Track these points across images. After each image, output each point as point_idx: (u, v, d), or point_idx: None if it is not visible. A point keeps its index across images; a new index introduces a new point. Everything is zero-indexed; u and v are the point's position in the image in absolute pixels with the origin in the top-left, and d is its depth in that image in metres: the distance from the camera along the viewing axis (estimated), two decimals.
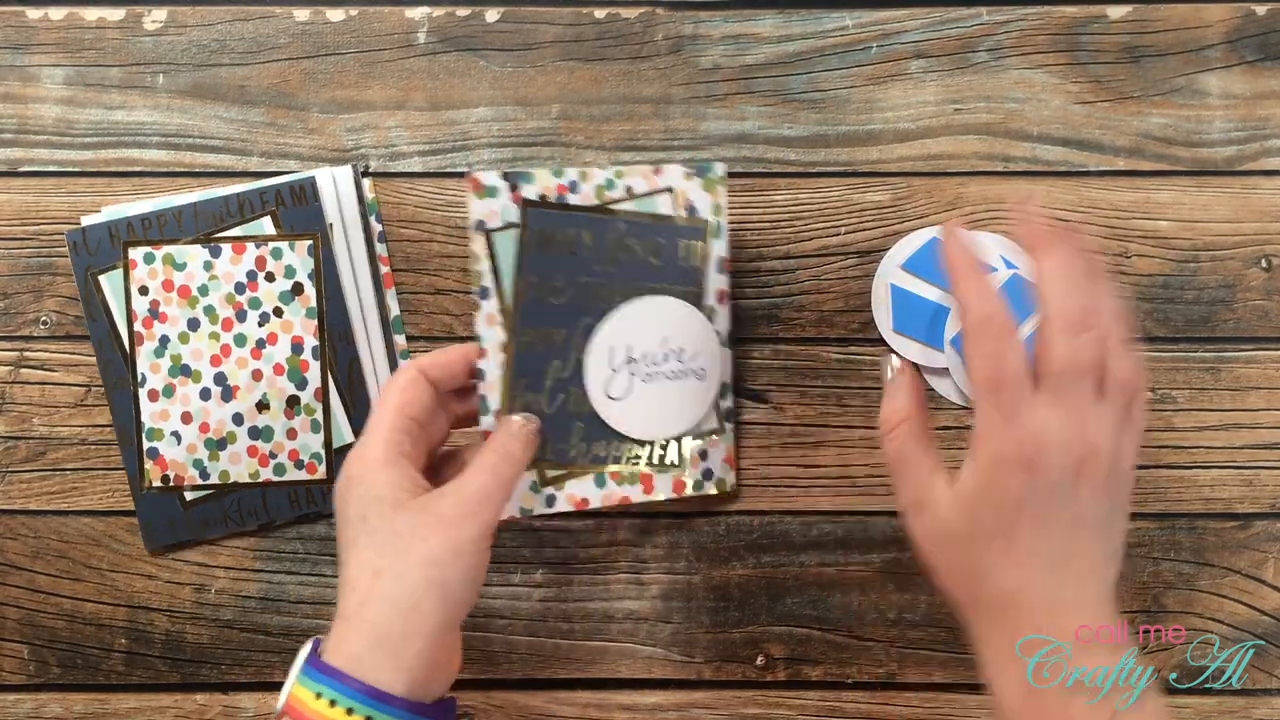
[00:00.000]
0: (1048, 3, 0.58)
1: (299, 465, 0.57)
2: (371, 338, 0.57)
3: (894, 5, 0.58)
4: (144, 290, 0.56)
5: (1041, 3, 0.58)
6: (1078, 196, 0.57)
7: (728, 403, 0.56)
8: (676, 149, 0.57)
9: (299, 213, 0.57)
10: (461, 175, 0.58)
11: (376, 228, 0.57)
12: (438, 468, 0.51)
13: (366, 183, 0.57)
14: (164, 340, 0.56)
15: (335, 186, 0.57)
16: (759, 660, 0.57)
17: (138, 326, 0.56)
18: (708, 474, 0.55)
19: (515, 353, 0.51)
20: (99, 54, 0.58)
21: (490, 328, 0.50)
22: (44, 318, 0.57)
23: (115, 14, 0.58)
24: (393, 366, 0.57)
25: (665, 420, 0.54)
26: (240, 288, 0.56)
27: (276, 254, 0.56)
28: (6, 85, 0.58)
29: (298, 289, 0.57)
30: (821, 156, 0.58)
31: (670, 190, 0.53)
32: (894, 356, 0.51)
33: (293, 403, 0.57)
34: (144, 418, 0.56)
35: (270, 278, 0.56)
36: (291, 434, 0.57)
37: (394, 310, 0.57)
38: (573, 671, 0.57)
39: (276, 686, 0.57)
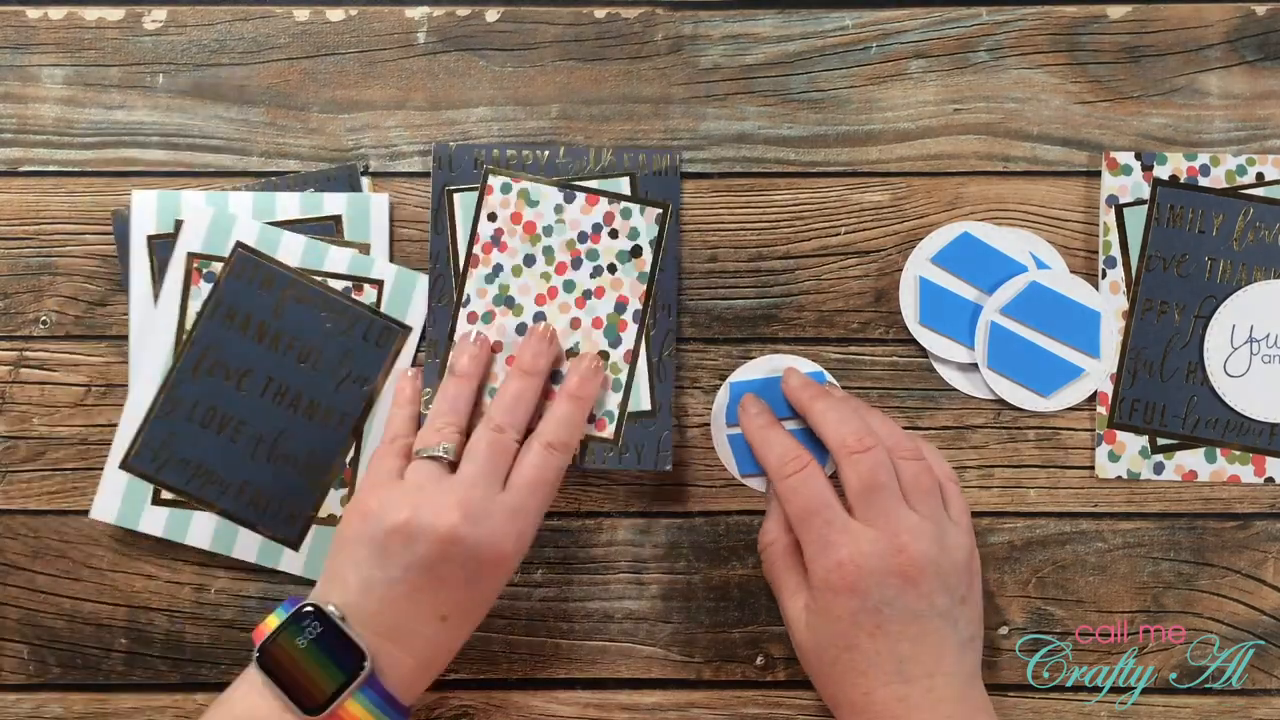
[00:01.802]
0: (1048, 3, 0.58)
1: (589, 420, 0.56)
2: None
3: (894, 5, 0.58)
4: (493, 217, 0.57)
5: (1041, 3, 0.58)
6: (1077, 196, 0.57)
7: None
8: (676, 149, 0.57)
9: (657, 182, 0.57)
10: None
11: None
12: None
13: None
14: (497, 269, 0.57)
15: None
16: (759, 660, 0.57)
17: (476, 249, 0.57)
18: None
19: (1133, 319, 0.55)
20: (99, 54, 0.58)
21: (1114, 296, 0.55)
22: (44, 318, 0.57)
23: (115, 14, 0.58)
24: None
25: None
26: (583, 236, 0.57)
27: (626, 214, 0.57)
28: (6, 85, 0.58)
29: (636, 251, 0.57)
30: (821, 156, 0.58)
31: None
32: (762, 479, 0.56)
33: (602, 357, 0.56)
34: (456, 336, 0.57)
35: (614, 235, 0.57)
36: None
37: None
38: (573, 671, 0.57)
39: None
